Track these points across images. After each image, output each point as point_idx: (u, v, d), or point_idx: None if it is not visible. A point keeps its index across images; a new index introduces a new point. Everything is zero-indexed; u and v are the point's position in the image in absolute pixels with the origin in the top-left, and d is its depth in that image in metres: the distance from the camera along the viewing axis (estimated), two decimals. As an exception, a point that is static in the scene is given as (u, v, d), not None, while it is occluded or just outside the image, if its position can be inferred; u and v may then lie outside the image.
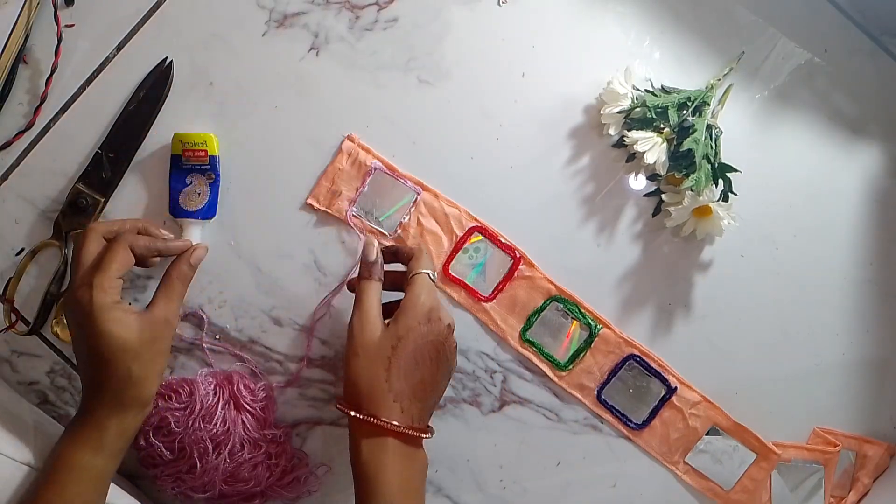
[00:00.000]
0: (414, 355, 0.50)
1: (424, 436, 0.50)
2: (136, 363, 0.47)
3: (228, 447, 0.54)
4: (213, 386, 0.56)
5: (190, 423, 0.54)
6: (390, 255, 0.55)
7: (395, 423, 0.48)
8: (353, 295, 0.53)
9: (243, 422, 0.55)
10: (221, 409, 0.54)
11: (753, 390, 0.62)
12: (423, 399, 0.50)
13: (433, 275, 0.53)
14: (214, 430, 0.54)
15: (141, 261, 0.52)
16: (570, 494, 0.61)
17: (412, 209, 0.60)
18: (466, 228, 0.60)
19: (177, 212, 0.58)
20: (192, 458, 0.54)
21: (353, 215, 0.59)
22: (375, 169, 0.59)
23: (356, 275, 0.55)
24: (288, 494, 0.58)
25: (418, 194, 0.60)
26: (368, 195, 0.60)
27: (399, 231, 0.60)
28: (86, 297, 0.47)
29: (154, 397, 0.50)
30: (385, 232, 0.60)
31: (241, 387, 0.56)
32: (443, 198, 0.60)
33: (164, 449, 0.54)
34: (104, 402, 0.47)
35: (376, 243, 0.53)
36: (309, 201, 0.59)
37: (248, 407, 0.56)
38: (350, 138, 0.59)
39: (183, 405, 0.54)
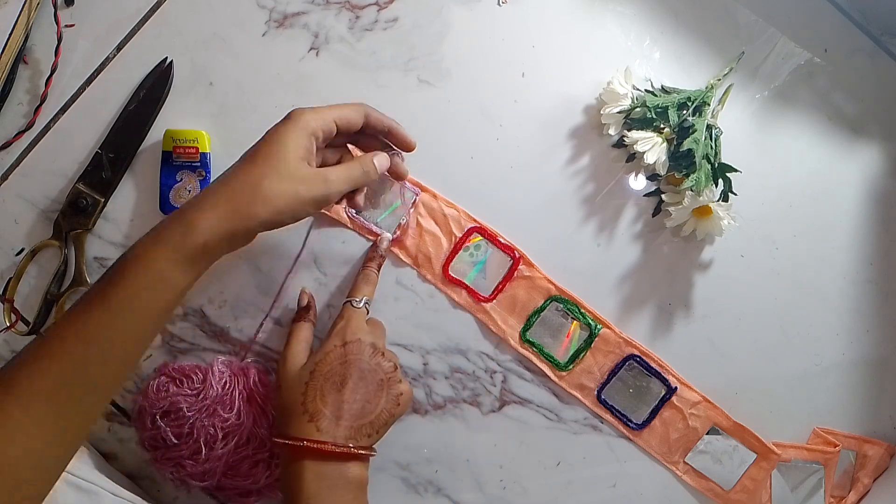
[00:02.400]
0: (330, 377, 0.50)
1: (337, 450, 0.48)
2: (272, 180, 0.44)
3: (236, 439, 0.53)
4: (227, 375, 0.55)
5: (202, 408, 0.53)
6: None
7: (303, 439, 0.47)
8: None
9: (255, 416, 0.55)
10: (238, 397, 0.54)
11: (753, 390, 0.62)
12: (349, 419, 0.49)
13: (358, 302, 0.55)
14: (228, 420, 0.53)
15: (365, 130, 0.52)
16: (570, 494, 0.61)
17: (411, 210, 0.60)
18: (465, 229, 0.60)
19: (167, 208, 0.58)
20: (198, 444, 0.53)
21: (352, 217, 0.59)
22: (375, 169, 0.59)
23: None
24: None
25: (417, 195, 0.60)
26: (366, 196, 0.60)
27: (398, 232, 0.60)
28: (299, 112, 0.46)
29: (259, 231, 0.45)
30: (384, 233, 0.60)
31: (258, 380, 0.56)
32: (441, 198, 0.60)
33: (170, 433, 0.53)
34: (214, 202, 0.43)
35: (308, 291, 0.58)
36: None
37: (261, 401, 0.55)
38: (349, 139, 0.59)
39: (195, 391, 0.54)
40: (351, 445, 0.48)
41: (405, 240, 0.60)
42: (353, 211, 0.59)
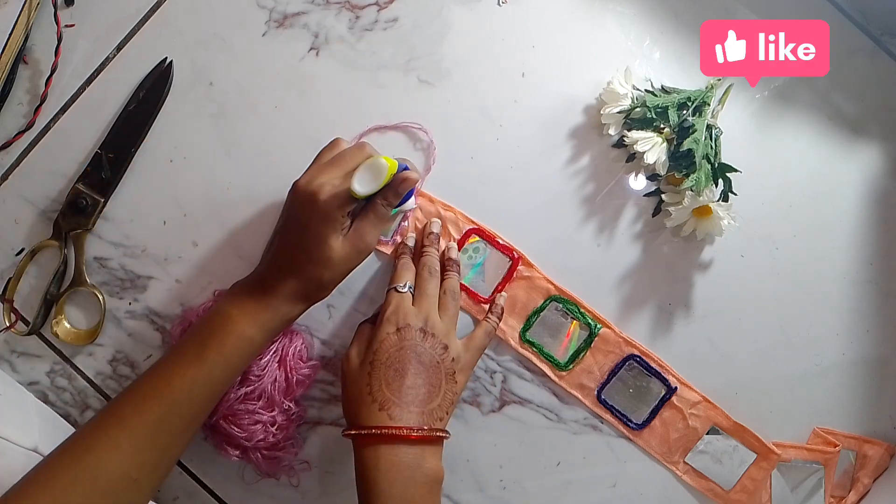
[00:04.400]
0: (391, 364, 0.51)
1: (414, 434, 0.49)
2: (330, 272, 0.51)
3: (248, 389, 0.54)
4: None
5: None
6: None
7: (381, 426, 0.49)
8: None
9: (276, 379, 0.55)
10: (270, 353, 0.55)
11: (753, 390, 0.62)
12: (418, 405, 0.51)
13: (402, 287, 0.55)
14: (251, 369, 0.54)
15: None
16: (570, 494, 0.61)
17: (409, 214, 0.60)
18: (463, 231, 0.60)
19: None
20: None
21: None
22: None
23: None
24: (263, 466, 0.57)
25: (414, 200, 0.59)
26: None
27: (396, 237, 0.60)
28: (318, 195, 0.49)
29: None
30: (381, 237, 0.60)
31: (297, 349, 0.57)
32: (439, 202, 0.60)
33: None
34: (287, 291, 0.51)
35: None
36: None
37: (288, 370, 0.56)
38: (342, 144, 0.59)
39: None
40: (426, 428, 0.50)
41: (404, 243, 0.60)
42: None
